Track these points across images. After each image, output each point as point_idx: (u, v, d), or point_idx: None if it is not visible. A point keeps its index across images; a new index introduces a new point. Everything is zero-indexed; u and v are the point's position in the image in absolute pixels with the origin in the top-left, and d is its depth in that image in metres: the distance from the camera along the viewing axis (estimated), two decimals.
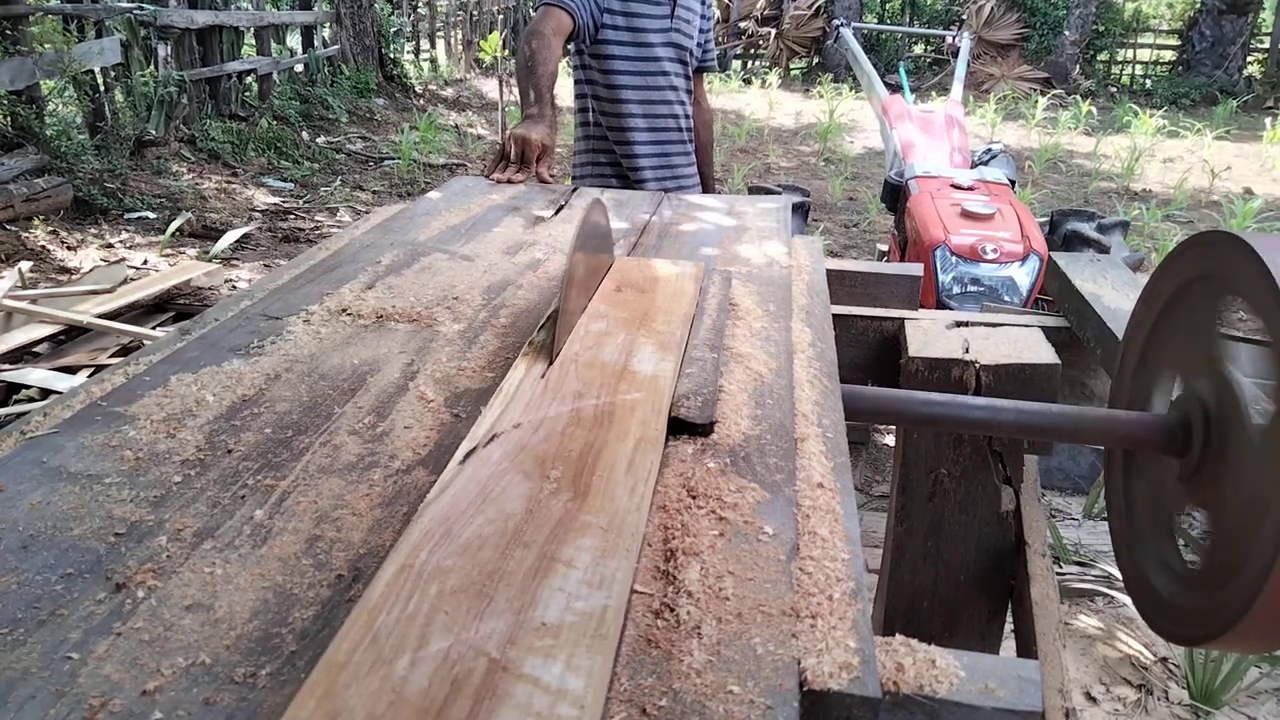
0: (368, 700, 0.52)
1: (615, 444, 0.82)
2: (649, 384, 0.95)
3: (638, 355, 1.01)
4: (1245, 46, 14.84)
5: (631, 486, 0.76)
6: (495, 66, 10.90)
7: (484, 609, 0.60)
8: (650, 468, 0.79)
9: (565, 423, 0.86)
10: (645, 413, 0.89)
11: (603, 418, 0.87)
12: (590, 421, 0.86)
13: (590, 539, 0.68)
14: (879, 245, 5.65)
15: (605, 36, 2.35)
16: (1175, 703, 2.33)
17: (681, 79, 2.50)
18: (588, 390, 0.92)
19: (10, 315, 3.70)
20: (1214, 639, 0.94)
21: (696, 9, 2.51)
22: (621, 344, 1.04)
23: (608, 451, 0.81)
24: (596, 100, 2.46)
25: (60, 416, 0.92)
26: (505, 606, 0.61)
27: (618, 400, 0.90)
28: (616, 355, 1.01)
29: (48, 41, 6.18)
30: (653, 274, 1.30)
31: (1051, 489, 3.33)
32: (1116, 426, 1.15)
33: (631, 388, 0.93)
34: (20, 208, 5.27)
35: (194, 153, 7.24)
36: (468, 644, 0.57)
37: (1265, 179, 8.97)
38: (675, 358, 1.02)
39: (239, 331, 1.14)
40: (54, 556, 0.70)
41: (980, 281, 3.31)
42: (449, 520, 0.70)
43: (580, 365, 0.98)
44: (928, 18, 16.39)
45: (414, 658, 0.56)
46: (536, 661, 0.56)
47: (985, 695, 0.62)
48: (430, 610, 0.60)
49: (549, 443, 0.82)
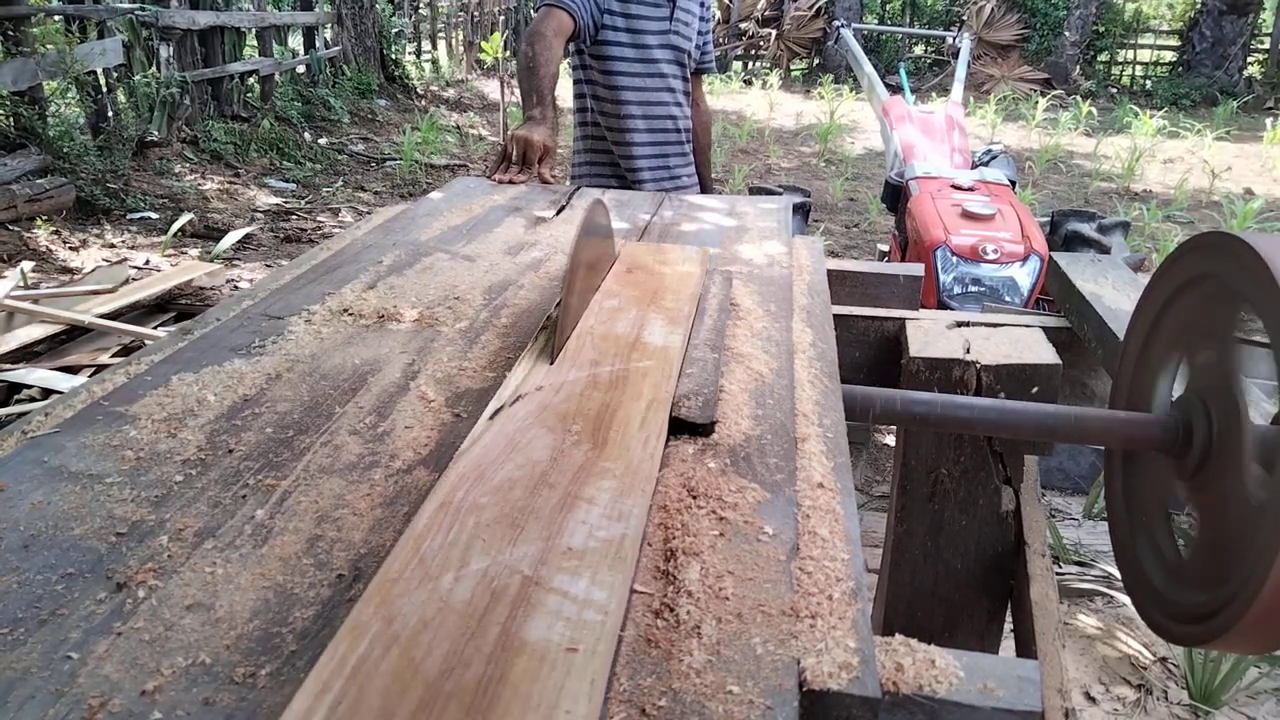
0: (418, 608, 0.59)
1: (630, 404, 0.89)
2: (660, 353, 1.02)
3: (649, 328, 1.08)
4: (1245, 47, 14.83)
5: (645, 440, 0.82)
6: (496, 67, 10.90)
7: (517, 537, 0.67)
8: (661, 424, 0.86)
9: (584, 386, 0.93)
10: (657, 377, 0.96)
11: (618, 381, 0.94)
12: (606, 385, 0.93)
13: (609, 481, 0.75)
14: (880, 245, 5.65)
15: (605, 37, 2.35)
16: (1175, 703, 2.33)
17: (679, 81, 2.50)
18: (603, 358, 0.99)
19: (12, 315, 3.70)
20: (1214, 639, 0.94)
21: (695, 11, 2.51)
22: (634, 318, 1.11)
23: (623, 410, 0.88)
24: (596, 100, 2.46)
25: (61, 416, 0.92)
26: (536, 535, 0.67)
27: (631, 367, 0.98)
28: (629, 328, 1.08)
29: (50, 42, 6.18)
30: (662, 256, 1.38)
31: (1051, 489, 3.33)
32: (1116, 426, 1.15)
33: (644, 356, 1.00)
34: (23, 208, 5.27)
35: (196, 153, 7.25)
36: (504, 564, 0.64)
37: (1265, 179, 8.97)
38: (684, 329, 1.09)
39: (240, 331, 1.14)
40: (55, 556, 0.70)
41: (981, 282, 3.31)
42: (481, 466, 0.77)
43: (596, 337, 1.05)
44: (928, 18, 16.39)
45: (457, 575, 0.62)
46: (565, 579, 0.63)
47: (985, 695, 0.62)
48: (469, 538, 0.67)
49: (569, 402, 0.89)
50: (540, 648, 0.56)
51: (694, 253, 1.40)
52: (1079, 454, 3.33)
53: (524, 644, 0.56)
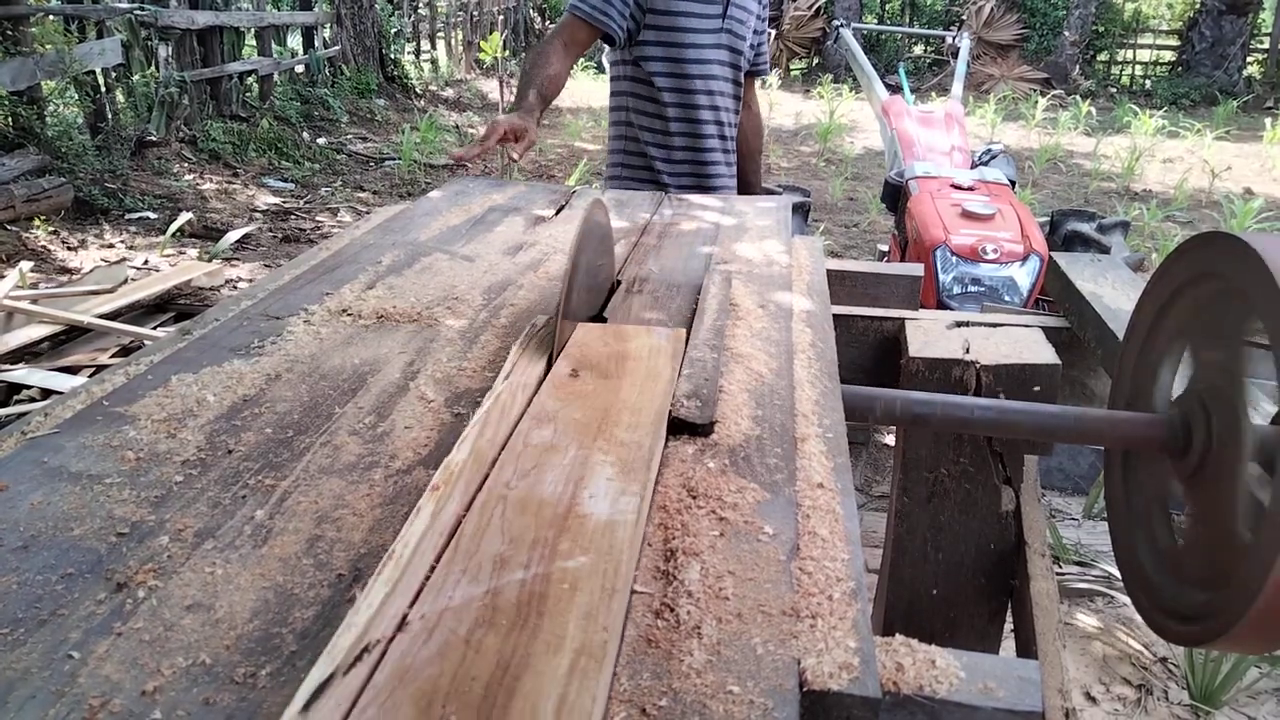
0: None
1: (542, 658, 0.57)
2: (601, 536, 0.70)
3: (590, 485, 0.78)
4: (1245, 47, 14.83)
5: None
6: (496, 67, 10.90)
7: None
8: (593, 706, 0.54)
9: (474, 620, 0.61)
10: (591, 595, 0.63)
11: (529, 607, 0.62)
12: (510, 615, 0.61)
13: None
14: (879, 245, 5.65)
15: (646, 38, 2.24)
16: (1175, 703, 2.33)
17: (730, 83, 2.36)
18: (514, 553, 0.68)
19: (11, 315, 3.70)
20: (1214, 639, 0.94)
21: (753, 9, 2.35)
22: (570, 465, 0.81)
23: (529, 677, 0.56)
24: (636, 99, 2.34)
25: (61, 417, 0.92)
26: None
27: (554, 571, 0.66)
28: (561, 486, 0.77)
29: (49, 42, 6.17)
30: (621, 348, 1.05)
31: (1051, 489, 3.33)
32: (1116, 426, 1.15)
33: (575, 546, 0.69)
34: (21, 208, 5.27)
35: (195, 153, 7.24)
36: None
37: (1265, 179, 8.97)
38: (640, 491, 0.77)
39: (240, 331, 1.14)
40: (55, 556, 0.70)
41: (981, 281, 3.31)
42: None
43: (509, 506, 0.74)
44: (927, 18, 16.39)
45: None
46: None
47: (985, 695, 0.62)
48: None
49: (444, 661, 0.57)
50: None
51: (664, 339, 1.08)
52: (1079, 454, 3.33)
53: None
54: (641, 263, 1.47)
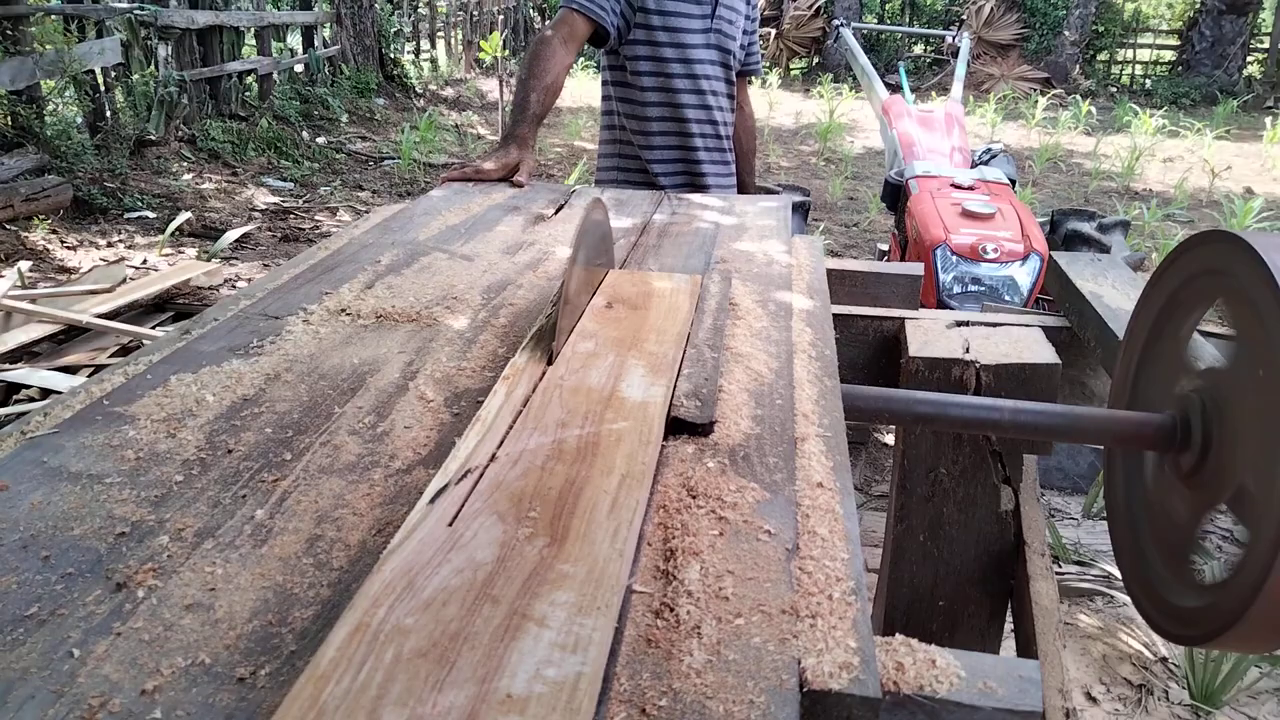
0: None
1: (599, 480, 0.77)
2: (637, 411, 0.89)
3: (627, 379, 0.96)
4: (1245, 46, 14.84)
5: (614, 530, 0.70)
6: (495, 66, 10.90)
7: (444, 677, 0.55)
8: (636, 507, 0.74)
9: (545, 456, 0.81)
10: (632, 444, 0.83)
11: (586, 450, 0.82)
12: (573, 454, 0.81)
13: (566, 594, 0.63)
14: (879, 245, 5.65)
15: (637, 37, 2.24)
16: (1175, 702, 2.33)
17: (723, 83, 2.36)
18: (571, 419, 0.87)
19: (10, 315, 3.70)
20: (1214, 638, 0.94)
21: (741, 9, 2.36)
22: (610, 366, 0.99)
23: (590, 489, 0.76)
24: (625, 104, 2.34)
25: (60, 416, 0.92)
26: (468, 674, 0.55)
27: (603, 430, 0.85)
28: (604, 379, 0.96)
29: (48, 41, 6.18)
30: (646, 288, 1.25)
31: (1051, 489, 3.33)
32: (1116, 426, 1.15)
33: (618, 416, 0.88)
34: (20, 207, 5.27)
35: (194, 152, 7.24)
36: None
37: (1265, 178, 8.97)
38: (667, 381, 0.97)
39: (239, 331, 1.14)
40: (55, 556, 0.70)
41: (981, 281, 3.31)
42: (412, 571, 0.64)
43: (565, 391, 0.93)
44: (928, 18, 16.39)
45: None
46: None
47: (985, 695, 0.62)
48: (385, 679, 0.54)
49: (527, 479, 0.77)
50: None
51: (684, 282, 1.28)
52: (1078, 453, 3.33)
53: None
54: (641, 262, 1.47)
